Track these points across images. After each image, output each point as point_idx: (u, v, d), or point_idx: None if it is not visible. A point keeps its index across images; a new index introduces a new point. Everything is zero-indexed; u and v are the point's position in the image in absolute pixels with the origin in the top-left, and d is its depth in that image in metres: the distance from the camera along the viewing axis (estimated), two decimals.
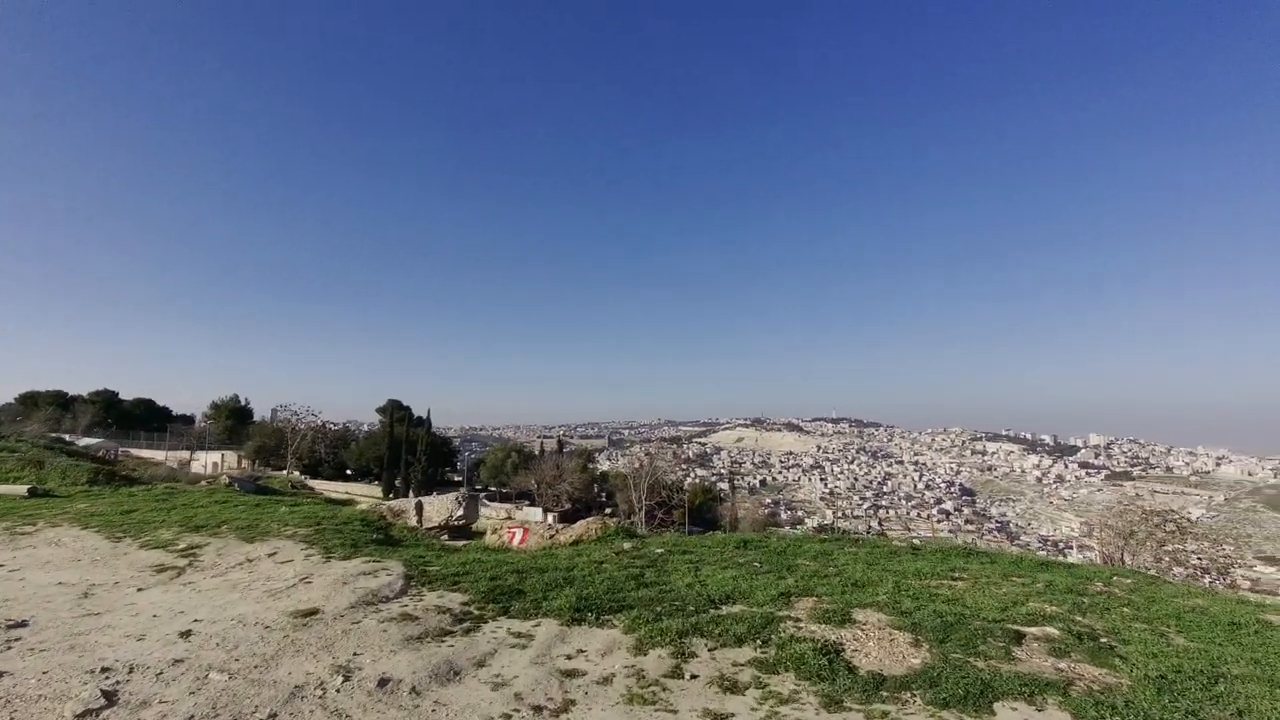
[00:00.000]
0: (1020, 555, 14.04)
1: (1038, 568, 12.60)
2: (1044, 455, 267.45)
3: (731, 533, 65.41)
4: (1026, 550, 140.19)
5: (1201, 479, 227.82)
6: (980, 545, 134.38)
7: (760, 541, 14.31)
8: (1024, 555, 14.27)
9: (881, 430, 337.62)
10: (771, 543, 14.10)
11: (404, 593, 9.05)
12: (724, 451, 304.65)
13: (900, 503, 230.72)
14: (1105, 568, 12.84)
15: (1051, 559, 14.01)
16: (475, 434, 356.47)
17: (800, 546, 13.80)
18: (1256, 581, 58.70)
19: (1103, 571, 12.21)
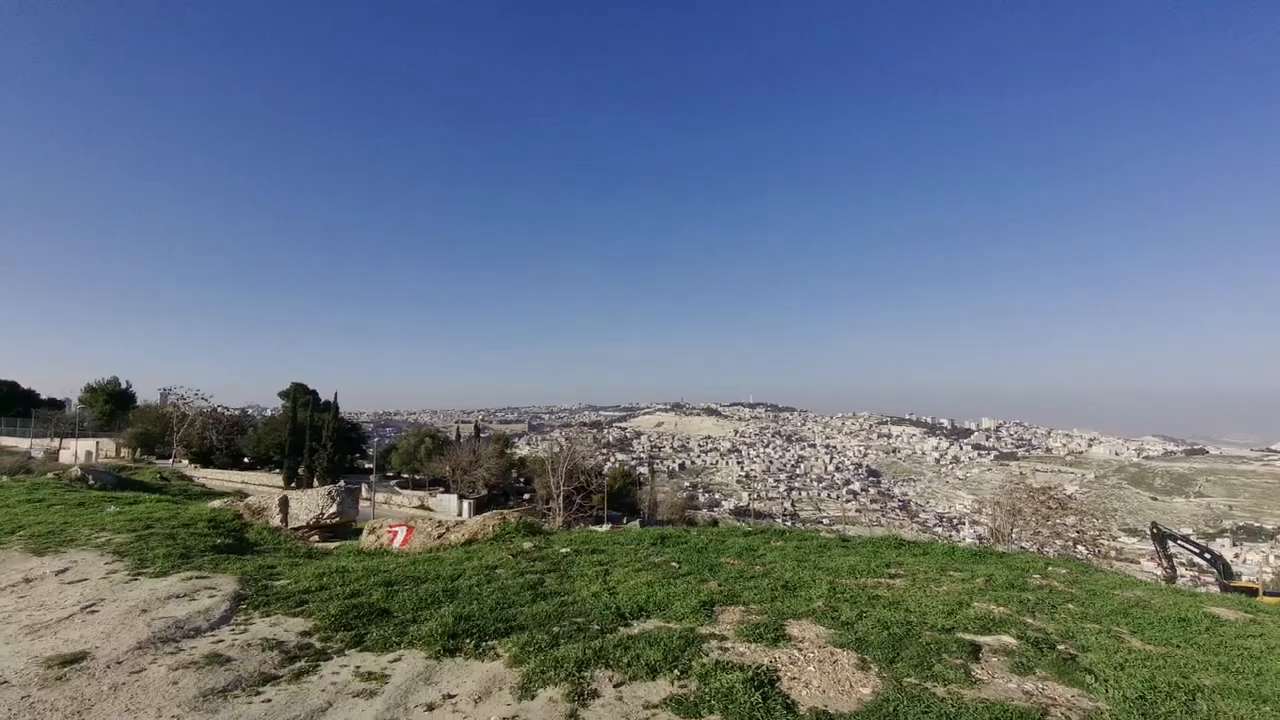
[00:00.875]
0: (952, 546, 13.52)
1: (972, 559, 11.93)
2: (942, 438, 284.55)
3: (650, 524, 64.80)
4: (925, 527, 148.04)
5: (1076, 458, 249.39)
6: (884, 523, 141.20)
7: (679, 537, 13.04)
8: (955, 546, 13.78)
9: (796, 414, 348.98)
10: (691, 538, 12.87)
11: (226, 621, 6.99)
12: (644, 436, 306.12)
13: (812, 484, 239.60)
14: (1039, 557, 12.48)
15: (984, 549, 13.59)
16: (389, 419, 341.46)
17: (723, 542, 12.64)
18: (1121, 550, 64.18)
19: (1036, 561, 11.73)
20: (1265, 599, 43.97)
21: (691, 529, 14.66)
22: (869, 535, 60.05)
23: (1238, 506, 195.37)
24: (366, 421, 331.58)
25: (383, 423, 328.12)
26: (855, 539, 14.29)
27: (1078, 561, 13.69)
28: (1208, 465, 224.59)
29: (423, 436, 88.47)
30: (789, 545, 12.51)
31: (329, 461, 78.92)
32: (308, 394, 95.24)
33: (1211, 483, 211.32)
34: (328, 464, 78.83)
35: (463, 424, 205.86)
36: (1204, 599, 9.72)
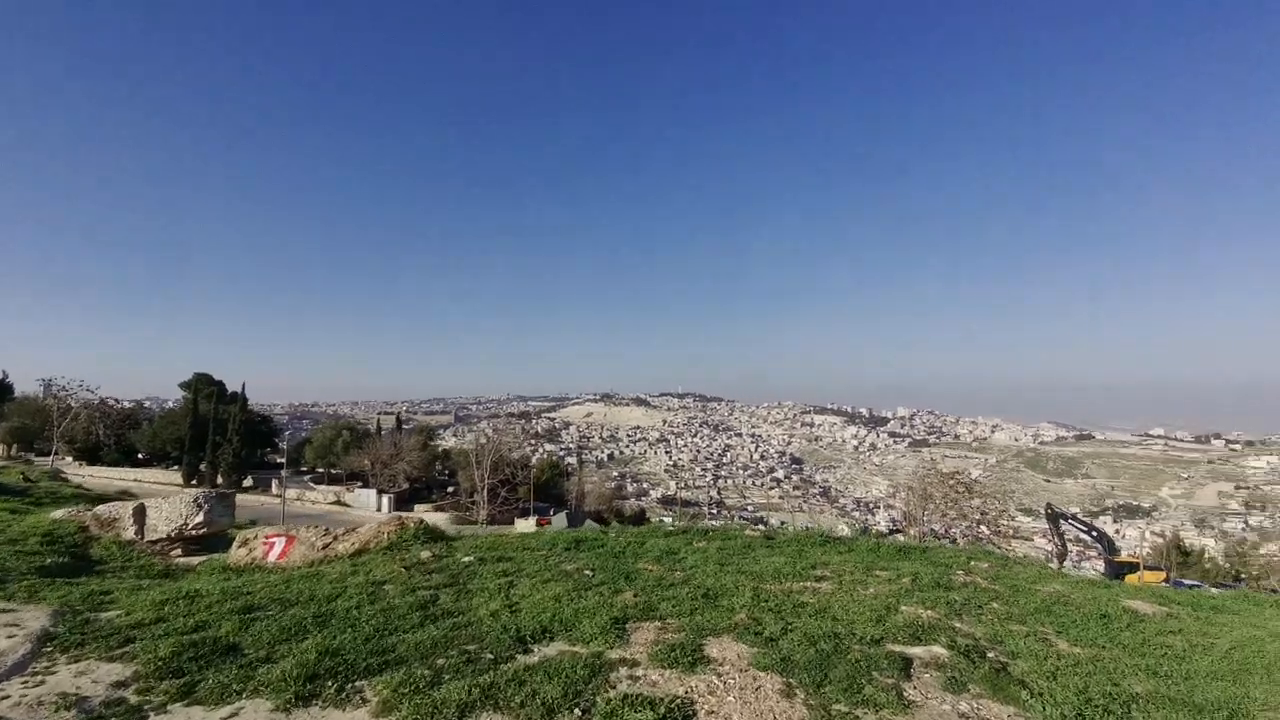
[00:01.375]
0: (876, 542, 13.51)
1: (897, 555, 11.76)
2: (861, 426, 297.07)
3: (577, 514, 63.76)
4: (844, 512, 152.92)
5: (980, 444, 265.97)
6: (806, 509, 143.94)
7: (596, 540, 12.34)
8: (879, 541, 13.75)
9: (724, 404, 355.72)
10: (609, 540, 12.19)
11: (21, 669, 5.56)
12: (573, 426, 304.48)
13: (738, 472, 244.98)
14: (962, 551, 12.44)
15: (909, 544, 13.51)
16: (307, 411, 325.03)
17: (642, 544, 11.99)
18: (1017, 529, 68.67)
19: (959, 556, 11.67)
20: (1146, 574, 47.71)
21: (610, 531, 13.87)
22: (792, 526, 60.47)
23: (1119, 486, 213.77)
24: (281, 414, 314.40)
25: (299, 415, 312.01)
26: (780, 536, 13.91)
27: (998, 555, 13.77)
28: (1094, 449, 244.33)
29: (340, 429, 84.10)
30: (711, 546, 11.93)
31: (235, 457, 73.83)
32: (212, 385, 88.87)
33: (1097, 465, 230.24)
34: (233, 459, 73.74)
35: (385, 416, 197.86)
36: (1119, 591, 9.78)
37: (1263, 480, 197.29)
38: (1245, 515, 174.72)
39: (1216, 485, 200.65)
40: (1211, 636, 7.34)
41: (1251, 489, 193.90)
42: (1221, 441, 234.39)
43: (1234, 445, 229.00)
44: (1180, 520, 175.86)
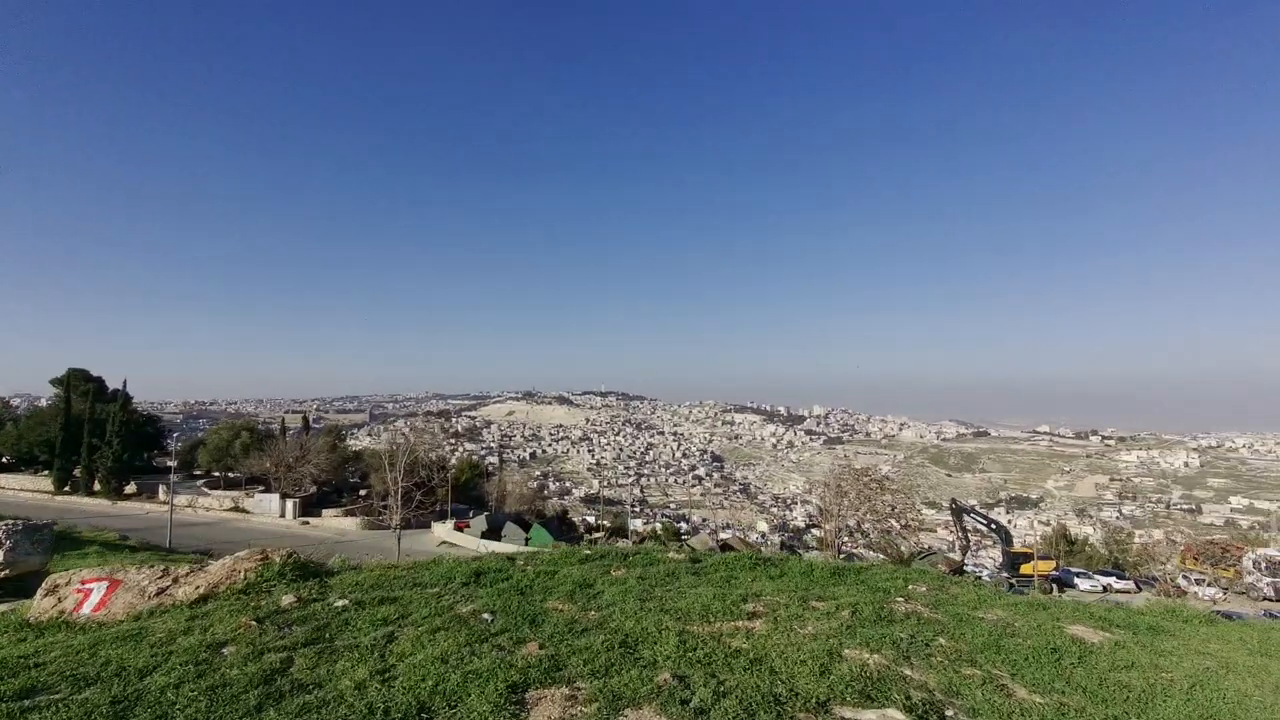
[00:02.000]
0: (809, 564, 12.64)
1: (831, 579, 11.10)
2: (779, 424, 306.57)
3: (498, 516, 61.32)
4: (763, 509, 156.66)
5: (890, 441, 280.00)
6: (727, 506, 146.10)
7: (499, 572, 10.89)
8: (812, 563, 12.92)
9: (646, 403, 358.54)
10: (514, 573, 10.80)
11: None
12: (495, 425, 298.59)
13: (661, 471, 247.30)
14: (896, 572, 11.90)
15: (842, 565, 12.82)
16: (204, 410, 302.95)
17: (553, 575, 10.71)
18: (923, 522, 72.43)
19: (895, 579, 11.04)
20: (1040, 564, 50.58)
21: (516, 560, 12.40)
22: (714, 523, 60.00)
23: (1010, 480, 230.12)
24: (174, 413, 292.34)
25: (194, 415, 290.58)
26: (707, 560, 12.92)
27: (933, 573, 13.39)
28: (989, 445, 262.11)
29: (238, 429, 77.98)
30: (631, 575, 10.79)
31: (115, 460, 67.34)
32: (90, 381, 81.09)
33: (992, 460, 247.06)
34: (113, 463, 67.27)
35: (293, 415, 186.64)
36: (1059, 612, 9.36)
37: (1134, 473, 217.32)
38: (1119, 505, 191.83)
39: (1094, 478, 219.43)
40: (1165, 670, 6.93)
41: (1124, 481, 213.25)
42: (1098, 437, 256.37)
43: (1109, 441, 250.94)
44: (1064, 510, 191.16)
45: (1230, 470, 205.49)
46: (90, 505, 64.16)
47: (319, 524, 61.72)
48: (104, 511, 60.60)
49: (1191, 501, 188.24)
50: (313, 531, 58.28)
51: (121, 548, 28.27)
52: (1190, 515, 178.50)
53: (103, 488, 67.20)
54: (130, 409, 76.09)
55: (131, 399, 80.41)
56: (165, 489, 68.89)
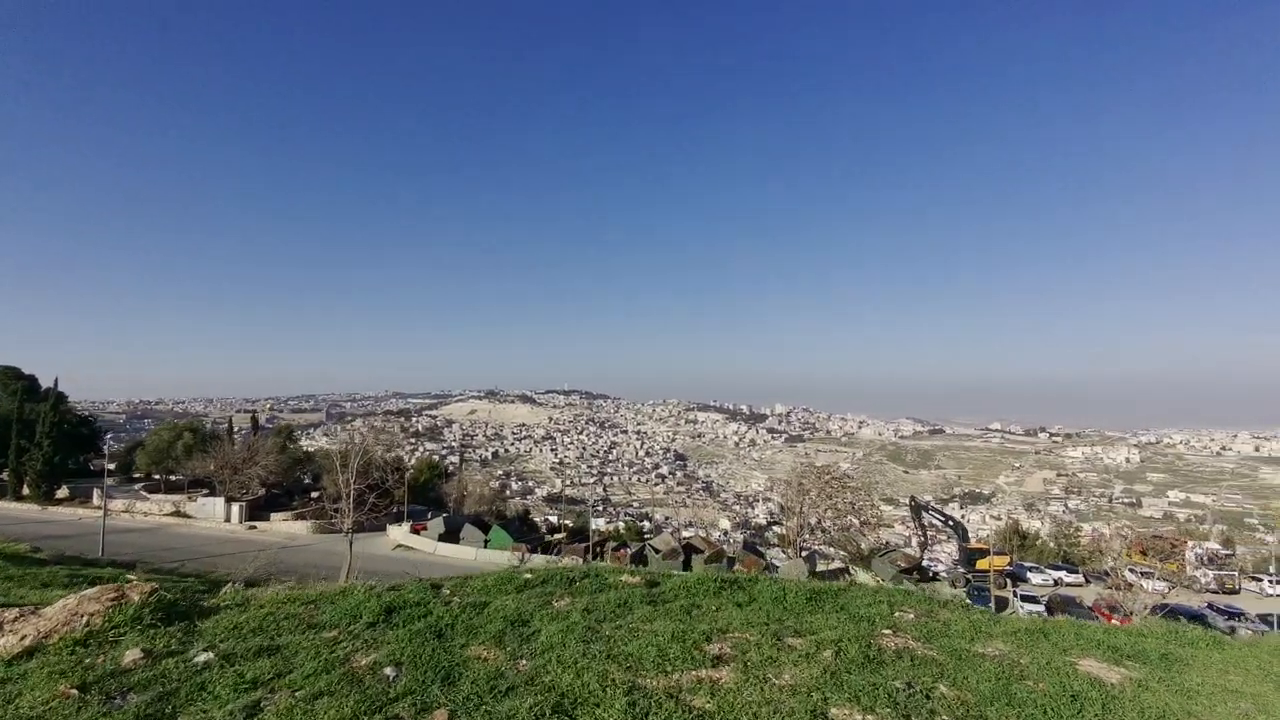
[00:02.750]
0: (782, 587, 11.29)
1: (807, 606, 10.21)
2: (742, 423, 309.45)
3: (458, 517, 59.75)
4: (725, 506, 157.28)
5: (849, 439, 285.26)
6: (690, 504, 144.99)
7: (417, 606, 9.46)
8: (785, 585, 11.51)
9: (609, 402, 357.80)
10: (436, 609, 9.26)
11: None
12: (456, 424, 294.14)
13: (624, 469, 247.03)
14: (880, 595, 11.14)
15: (817, 586, 11.66)
16: (149, 410, 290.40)
17: (483, 609, 9.30)
18: (881, 518, 73.83)
19: (879, 605, 10.35)
20: (995, 559, 51.69)
21: (442, 590, 10.82)
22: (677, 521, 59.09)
23: (964, 476, 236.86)
24: (116, 413, 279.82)
25: (139, 415, 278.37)
26: (665, 584, 11.64)
27: (918, 595, 12.20)
28: (944, 442, 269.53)
29: (180, 430, 74.75)
30: (577, 606, 9.52)
31: (45, 463, 63.85)
32: (20, 379, 77.22)
33: (947, 457, 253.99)
34: (43, 466, 63.79)
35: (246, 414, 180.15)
36: (1061, 641, 8.87)
37: (1079, 469, 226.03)
38: (1065, 500, 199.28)
39: (1042, 473, 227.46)
40: (1198, 717, 6.60)
41: (1070, 476, 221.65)
42: (1046, 434, 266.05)
43: (1056, 438, 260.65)
44: (1014, 505, 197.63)
45: (1168, 465, 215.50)
46: (18, 511, 60.54)
47: (267, 528, 59.40)
48: (32, 517, 57.19)
49: (1132, 495, 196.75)
50: (260, 536, 55.98)
51: (27, 561, 25.06)
52: (1131, 509, 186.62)
53: (32, 492, 63.54)
54: (64, 409, 72.28)
55: (65, 398, 76.41)
56: (99, 493, 65.53)
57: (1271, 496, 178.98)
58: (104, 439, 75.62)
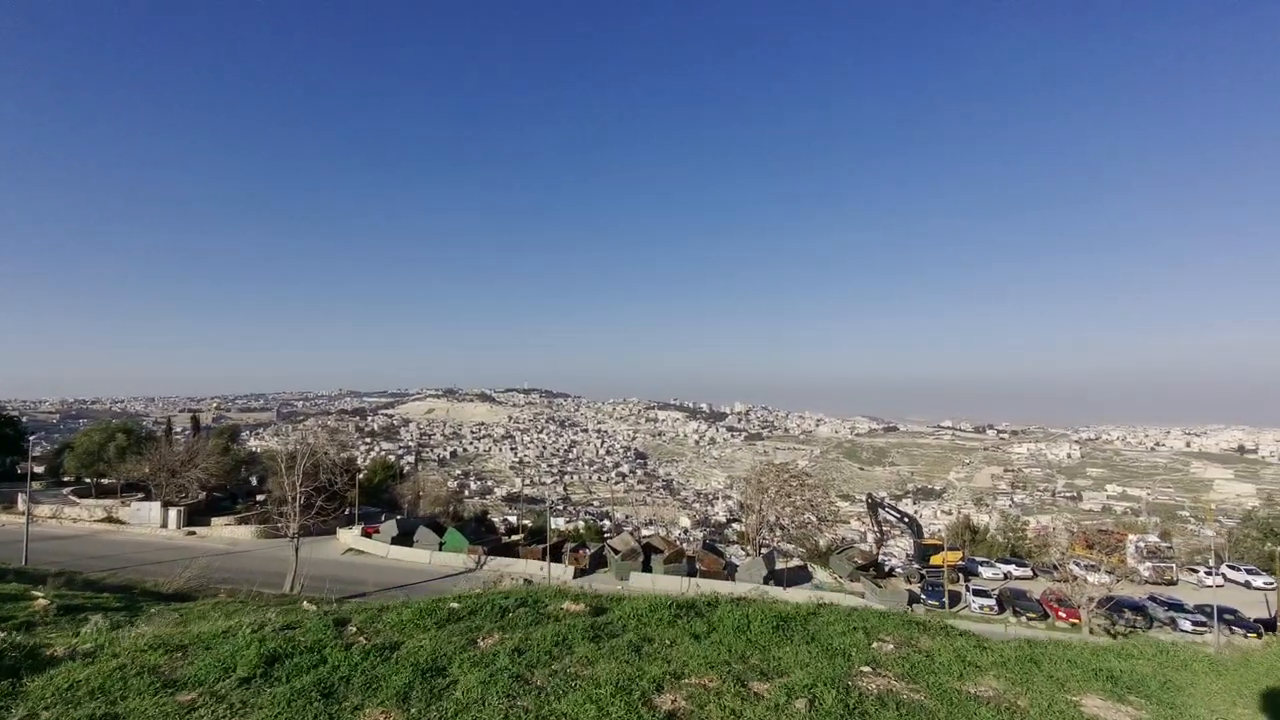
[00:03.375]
0: (745, 614, 10.11)
1: (774, 636, 9.15)
2: (702, 421, 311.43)
3: (412, 519, 57.98)
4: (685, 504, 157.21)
5: (807, 436, 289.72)
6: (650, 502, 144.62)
7: (313, 652, 7.75)
8: (748, 611, 10.31)
9: (570, 400, 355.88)
10: (332, 656, 7.66)
11: None
12: (414, 423, 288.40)
13: (584, 468, 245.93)
14: (854, 618, 10.34)
15: (784, 612, 10.43)
16: (85, 410, 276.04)
17: (391, 654, 7.78)
18: (838, 513, 75.03)
19: (853, 634, 9.39)
20: (949, 554, 52.68)
21: (347, 626, 9.20)
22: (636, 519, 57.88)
23: (917, 472, 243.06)
24: (49, 412, 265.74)
25: (74, 415, 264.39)
26: (614, 610, 10.40)
27: (896, 618, 11.25)
28: (898, 440, 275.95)
29: (112, 431, 70.58)
30: (505, 647, 8.01)
31: None
32: None
33: (900, 454, 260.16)
34: None
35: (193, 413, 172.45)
36: (1055, 671, 8.32)
37: (1024, 464, 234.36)
38: (1011, 494, 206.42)
39: (990, 469, 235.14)
40: None
41: (1016, 472, 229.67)
42: (994, 431, 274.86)
43: (1003, 434, 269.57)
44: (964, 500, 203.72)
45: (1106, 461, 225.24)
46: None
47: (208, 534, 56.63)
48: None
49: (1074, 490, 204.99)
50: (199, 543, 53.33)
51: None
52: (1072, 502, 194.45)
53: None
54: None
55: None
56: (23, 499, 61.41)
57: (1202, 490, 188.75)
58: (29, 441, 71.03)
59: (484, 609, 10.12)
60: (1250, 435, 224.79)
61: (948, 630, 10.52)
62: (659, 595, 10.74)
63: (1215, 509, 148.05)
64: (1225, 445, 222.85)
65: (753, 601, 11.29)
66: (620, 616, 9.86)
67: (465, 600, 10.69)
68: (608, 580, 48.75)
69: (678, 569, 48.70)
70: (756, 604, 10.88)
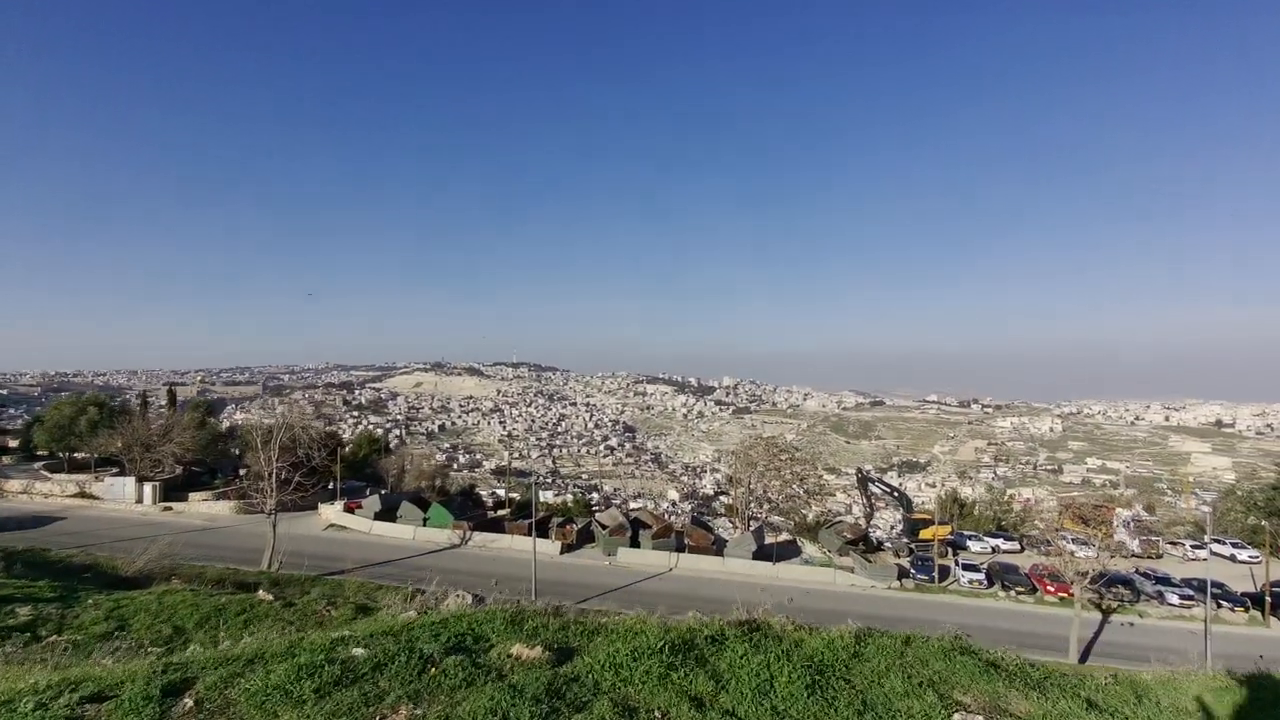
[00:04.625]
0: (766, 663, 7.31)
1: (808, 701, 6.64)
2: (690, 395, 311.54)
3: (397, 495, 56.92)
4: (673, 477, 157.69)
5: (794, 411, 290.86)
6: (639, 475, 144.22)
7: None
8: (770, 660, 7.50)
9: (559, 374, 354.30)
10: None
11: None
12: (401, 397, 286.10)
13: (573, 441, 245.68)
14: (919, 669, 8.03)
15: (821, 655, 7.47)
16: (66, 382, 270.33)
17: None
18: (824, 487, 75.12)
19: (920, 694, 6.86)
20: (938, 529, 52.51)
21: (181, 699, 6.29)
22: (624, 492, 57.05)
23: (903, 446, 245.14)
24: (29, 385, 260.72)
25: (55, 387, 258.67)
26: (582, 661, 7.50)
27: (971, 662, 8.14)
28: (884, 414, 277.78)
29: (84, 405, 68.52)
30: None
31: None
32: None
33: (886, 427, 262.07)
34: None
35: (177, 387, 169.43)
36: None
37: (1007, 438, 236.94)
38: (994, 467, 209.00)
39: (974, 443, 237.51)
40: None
41: (999, 445, 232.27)
42: (979, 406, 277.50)
43: (988, 409, 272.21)
44: (948, 473, 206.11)
45: (1087, 434, 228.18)
46: None
47: (185, 510, 55.32)
48: None
49: (1055, 463, 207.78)
50: (175, 519, 52.05)
51: None
52: (1053, 475, 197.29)
53: None
54: None
55: None
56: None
57: (1179, 463, 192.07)
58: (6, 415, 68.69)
59: (397, 660, 7.29)
60: (1228, 410, 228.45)
61: (1041, 683, 7.89)
62: (645, 633, 7.81)
63: (1193, 482, 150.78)
64: (1204, 420, 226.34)
65: (770, 631, 8.35)
66: (591, 668, 7.23)
67: (375, 644, 7.48)
68: (595, 556, 48.13)
69: (666, 544, 48.11)
70: (777, 639, 8.02)
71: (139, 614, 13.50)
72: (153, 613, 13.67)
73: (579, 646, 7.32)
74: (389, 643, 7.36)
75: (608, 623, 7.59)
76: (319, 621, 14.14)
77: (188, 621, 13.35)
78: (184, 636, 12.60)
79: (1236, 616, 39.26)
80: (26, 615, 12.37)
